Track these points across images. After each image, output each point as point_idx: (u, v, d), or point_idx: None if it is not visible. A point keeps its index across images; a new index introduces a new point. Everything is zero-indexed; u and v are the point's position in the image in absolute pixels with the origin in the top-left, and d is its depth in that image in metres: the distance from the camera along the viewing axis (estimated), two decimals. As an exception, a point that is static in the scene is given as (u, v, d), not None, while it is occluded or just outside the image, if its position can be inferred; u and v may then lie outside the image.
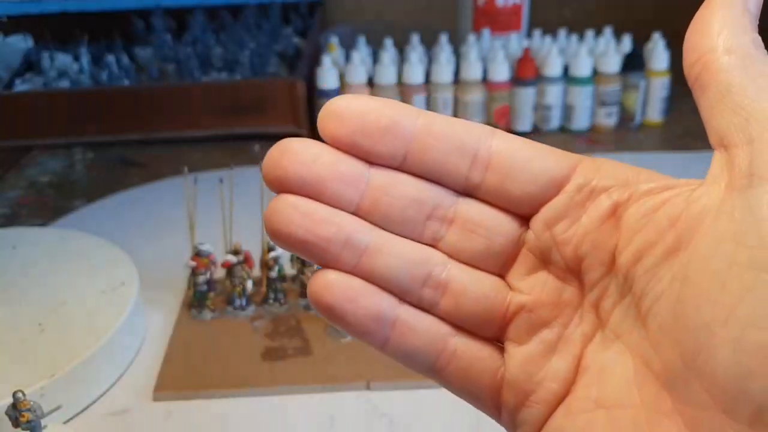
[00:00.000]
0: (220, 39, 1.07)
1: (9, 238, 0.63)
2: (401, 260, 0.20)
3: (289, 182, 0.20)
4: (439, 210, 0.21)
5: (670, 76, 0.92)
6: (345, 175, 0.20)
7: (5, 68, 1.04)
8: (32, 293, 0.55)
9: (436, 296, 0.21)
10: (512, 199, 0.21)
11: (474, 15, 0.99)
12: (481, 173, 0.20)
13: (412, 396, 0.49)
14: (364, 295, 0.20)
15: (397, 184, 0.20)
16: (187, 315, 0.56)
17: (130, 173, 0.85)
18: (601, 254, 0.20)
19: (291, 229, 0.20)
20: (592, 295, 0.20)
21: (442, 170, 0.20)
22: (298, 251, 0.20)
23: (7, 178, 0.85)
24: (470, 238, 0.21)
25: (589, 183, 0.20)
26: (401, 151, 0.20)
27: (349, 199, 0.20)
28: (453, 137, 0.20)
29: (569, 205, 0.20)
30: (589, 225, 0.20)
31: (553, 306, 0.21)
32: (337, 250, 0.20)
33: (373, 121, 0.20)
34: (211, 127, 0.92)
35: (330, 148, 0.20)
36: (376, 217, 0.20)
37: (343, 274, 0.20)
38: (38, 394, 0.44)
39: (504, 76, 0.88)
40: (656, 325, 0.18)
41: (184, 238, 0.58)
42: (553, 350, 0.21)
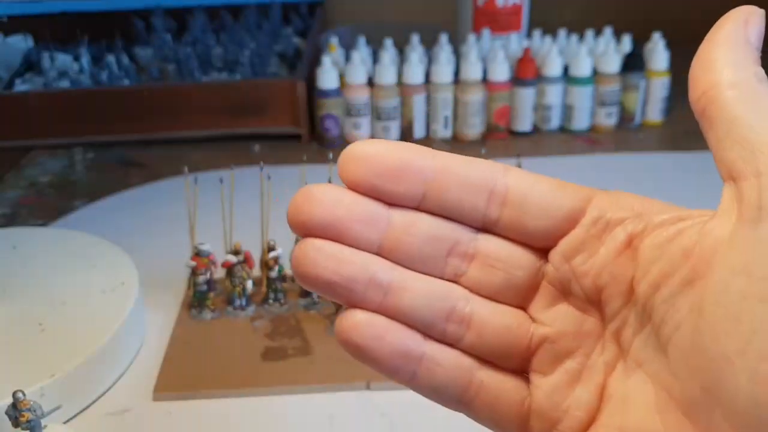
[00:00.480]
0: (220, 39, 1.08)
1: (9, 238, 0.63)
2: (424, 297, 0.21)
3: (313, 226, 0.20)
4: (459, 246, 0.21)
5: (670, 76, 0.92)
6: (366, 217, 0.21)
7: (5, 68, 1.04)
8: (32, 293, 0.55)
9: (460, 330, 0.21)
10: (530, 234, 0.21)
11: (474, 15, 0.99)
12: (498, 209, 0.21)
13: (411, 396, 0.48)
14: (391, 333, 0.21)
15: (417, 223, 0.21)
16: (187, 315, 0.57)
17: (130, 173, 0.85)
18: (619, 285, 0.20)
19: (318, 271, 0.20)
20: (613, 325, 0.21)
21: (460, 208, 0.21)
22: (325, 292, 0.21)
23: (8, 178, 0.85)
24: (491, 273, 0.22)
25: (604, 215, 0.21)
26: (419, 192, 0.21)
27: (371, 239, 0.21)
28: (468, 176, 0.21)
29: (586, 237, 0.21)
30: (606, 257, 0.20)
31: (575, 336, 0.21)
32: (362, 289, 0.21)
33: (390, 163, 0.21)
34: (212, 128, 0.92)
35: (350, 192, 0.21)
36: (398, 255, 0.21)
37: (369, 313, 0.21)
38: (38, 393, 0.44)
39: (504, 76, 0.88)
40: (676, 355, 0.18)
41: (184, 238, 0.58)
42: (577, 380, 0.21)
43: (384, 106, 0.88)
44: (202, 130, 0.92)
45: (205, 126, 0.92)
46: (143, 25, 1.10)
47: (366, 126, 0.90)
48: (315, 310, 0.57)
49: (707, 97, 0.19)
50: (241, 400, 0.49)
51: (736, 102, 0.18)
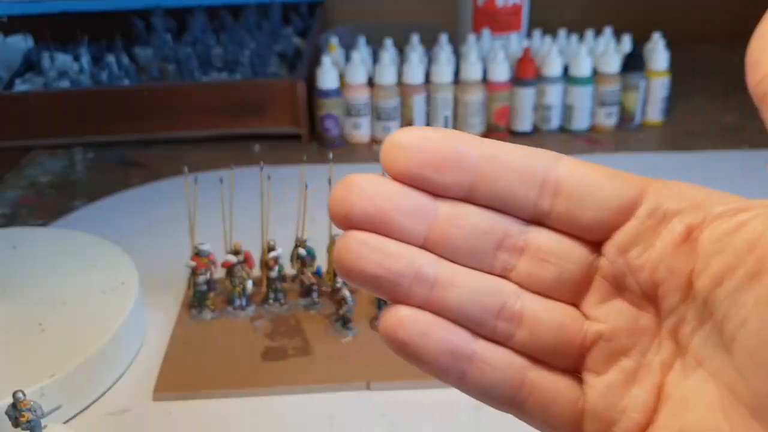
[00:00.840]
0: (220, 39, 1.08)
1: (9, 238, 0.63)
2: (473, 292, 0.20)
3: (356, 218, 0.19)
4: (509, 240, 0.20)
5: (670, 76, 0.92)
6: (411, 209, 0.20)
7: (5, 68, 1.04)
8: (32, 293, 0.55)
9: (511, 328, 0.20)
10: (583, 226, 0.20)
11: (474, 15, 0.99)
12: (550, 200, 0.20)
13: (411, 396, 0.49)
14: (438, 330, 0.20)
15: (464, 215, 0.20)
16: (187, 315, 0.57)
17: (130, 173, 0.85)
18: (677, 279, 0.19)
19: (362, 265, 0.19)
20: (670, 321, 0.20)
21: (510, 199, 0.20)
22: (369, 287, 0.20)
23: (8, 179, 0.85)
24: (542, 267, 0.21)
25: (661, 207, 0.20)
26: (467, 182, 0.20)
27: (417, 232, 0.20)
28: (519, 165, 0.20)
29: (642, 230, 0.20)
30: (663, 250, 0.19)
31: (631, 334, 0.20)
32: (408, 284, 0.20)
33: (437, 152, 0.19)
34: (212, 128, 0.92)
35: (394, 183, 0.20)
36: (445, 249, 0.20)
37: (414, 309, 0.20)
38: (38, 393, 0.44)
39: (504, 76, 0.88)
40: (742, 352, 0.18)
41: (184, 238, 0.58)
42: (633, 379, 0.20)
43: (384, 106, 0.88)
44: (202, 130, 0.92)
45: (205, 126, 0.92)
46: (143, 25, 1.10)
47: (366, 126, 0.90)
48: (315, 310, 0.57)
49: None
50: (241, 400, 0.49)
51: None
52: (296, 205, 0.57)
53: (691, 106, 1.01)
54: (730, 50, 1.24)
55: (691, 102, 1.02)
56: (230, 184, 0.56)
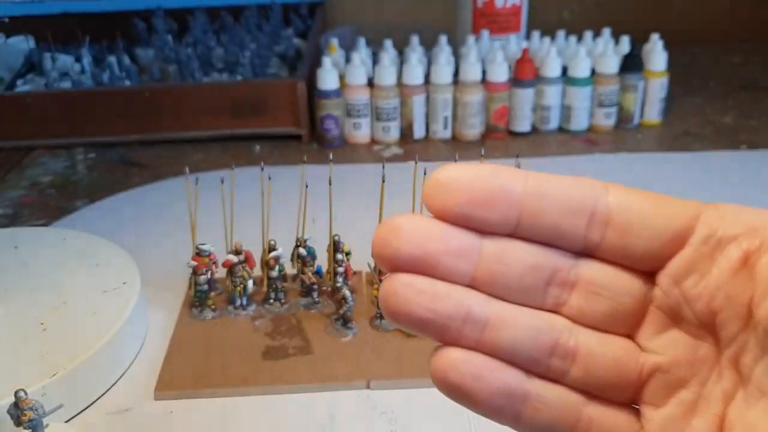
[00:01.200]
0: (221, 40, 1.08)
1: (11, 238, 0.63)
2: (525, 331, 0.20)
3: (401, 261, 0.19)
4: (559, 274, 0.20)
5: (669, 76, 0.92)
6: (457, 249, 0.19)
7: (7, 69, 1.04)
8: (34, 293, 0.55)
9: (565, 365, 0.20)
10: (635, 257, 0.20)
11: (473, 16, 0.99)
12: (600, 232, 0.19)
13: (411, 395, 0.49)
14: (491, 372, 0.20)
15: (512, 251, 0.20)
16: (188, 314, 0.57)
17: (131, 173, 0.86)
18: (736, 307, 0.19)
19: (410, 309, 0.19)
20: (730, 350, 0.19)
21: (558, 232, 0.19)
22: (418, 330, 0.19)
23: (9, 179, 0.85)
24: (595, 301, 0.20)
25: (715, 233, 0.19)
26: (513, 218, 0.19)
27: (464, 272, 0.19)
28: (567, 197, 0.19)
29: (696, 258, 0.19)
30: (720, 278, 0.19)
31: (689, 364, 0.20)
32: (459, 326, 0.19)
33: (482, 190, 0.19)
34: (212, 128, 0.92)
35: (438, 222, 0.19)
36: (494, 287, 0.20)
37: (466, 351, 0.19)
38: (40, 393, 0.44)
39: (503, 77, 0.89)
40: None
41: (185, 238, 0.58)
42: (693, 411, 0.20)
43: (384, 106, 0.89)
44: (203, 131, 0.92)
45: (206, 126, 0.92)
46: (144, 26, 1.11)
47: (366, 126, 0.90)
48: (315, 310, 0.57)
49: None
50: (241, 399, 0.49)
51: None
52: (297, 205, 0.58)
53: (689, 106, 1.01)
54: (728, 51, 1.24)
55: (689, 102, 1.02)
56: (231, 184, 0.56)
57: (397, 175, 0.59)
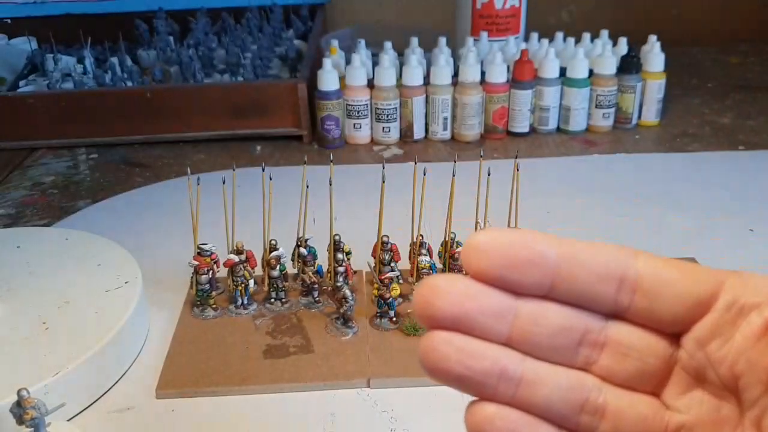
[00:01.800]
0: (222, 41, 1.08)
1: (14, 238, 0.63)
2: (557, 388, 0.21)
3: (441, 320, 0.20)
4: (590, 335, 0.21)
5: (666, 78, 0.93)
6: (494, 310, 0.20)
7: (10, 70, 1.05)
8: (36, 292, 0.55)
9: (595, 421, 0.21)
10: (662, 320, 0.21)
11: (472, 18, 1.00)
12: (629, 296, 0.20)
13: (412, 393, 0.49)
14: (525, 428, 0.20)
15: (545, 313, 0.21)
16: (189, 313, 0.57)
17: (133, 174, 0.86)
18: (758, 372, 0.19)
19: (449, 366, 0.20)
20: (752, 412, 0.20)
21: (590, 296, 0.20)
22: (455, 385, 0.20)
23: (12, 179, 0.86)
24: (623, 361, 0.21)
25: (738, 300, 0.20)
26: (547, 281, 0.20)
27: (500, 331, 0.20)
28: (598, 263, 0.20)
29: (720, 323, 0.20)
30: (743, 343, 0.20)
31: (713, 424, 0.20)
32: (494, 383, 0.20)
33: (518, 254, 0.20)
34: (214, 129, 0.93)
35: (476, 283, 0.20)
36: (528, 347, 0.21)
37: (501, 407, 0.20)
38: (42, 391, 0.45)
39: (502, 78, 0.89)
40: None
41: (187, 237, 0.58)
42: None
43: (384, 107, 0.89)
44: (204, 132, 0.93)
45: (208, 127, 0.92)
46: (146, 27, 1.11)
47: (366, 127, 0.91)
48: (316, 309, 0.57)
49: None
50: (243, 397, 0.49)
51: None
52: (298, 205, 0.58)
53: (686, 107, 1.02)
54: (726, 52, 1.25)
55: (686, 103, 1.03)
56: (232, 184, 0.57)
57: (397, 176, 0.60)
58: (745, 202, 0.74)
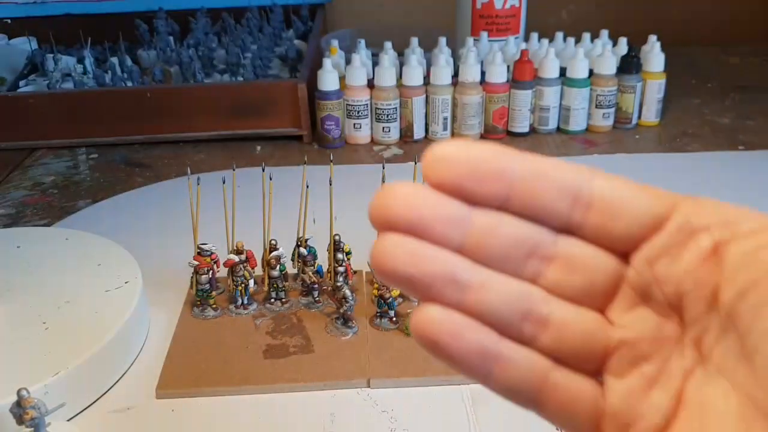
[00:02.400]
0: (222, 41, 1.08)
1: (14, 237, 0.63)
2: (503, 296, 0.21)
3: (395, 223, 0.20)
4: (541, 248, 0.21)
5: (666, 78, 0.93)
6: (449, 217, 0.20)
7: (10, 70, 1.05)
8: (37, 292, 0.55)
9: (537, 331, 0.21)
10: (613, 238, 0.21)
11: (472, 18, 1.00)
12: (583, 213, 0.21)
13: (412, 393, 0.49)
14: (468, 330, 0.21)
15: (499, 224, 0.21)
16: (189, 313, 0.57)
17: (133, 174, 0.86)
18: (702, 291, 0.20)
19: (397, 266, 0.20)
20: (694, 331, 0.20)
21: (544, 210, 0.21)
22: (403, 287, 0.21)
23: (12, 179, 0.86)
24: (571, 275, 0.21)
25: (690, 222, 0.20)
26: (504, 193, 0.20)
27: (453, 239, 0.20)
28: (555, 179, 0.21)
29: (670, 243, 0.20)
30: (690, 263, 0.20)
31: (654, 341, 0.21)
32: (442, 287, 0.20)
33: (478, 166, 0.20)
34: (214, 129, 0.93)
35: (434, 192, 0.20)
36: (478, 255, 0.21)
37: (446, 310, 0.21)
38: (42, 391, 0.45)
39: (502, 79, 0.89)
40: (763, 363, 0.18)
41: (187, 237, 0.58)
42: (653, 384, 0.21)
43: (384, 107, 0.89)
44: (204, 132, 0.93)
45: (208, 127, 0.92)
46: (146, 27, 1.11)
47: (366, 127, 0.91)
48: (316, 309, 0.57)
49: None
50: (243, 397, 0.49)
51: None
52: (298, 205, 0.58)
53: (686, 107, 1.02)
54: (726, 52, 1.25)
55: (686, 103, 1.03)
56: (232, 184, 0.57)
57: (397, 176, 0.60)
58: (745, 202, 0.74)
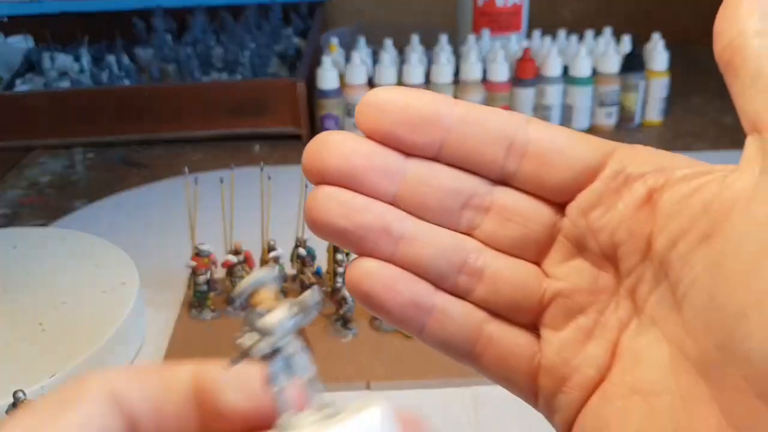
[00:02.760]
0: (220, 39, 1.08)
1: (10, 238, 0.63)
2: (437, 248, 0.21)
3: (328, 174, 0.20)
4: (475, 199, 0.21)
5: (670, 76, 0.92)
6: (383, 167, 0.20)
7: (6, 69, 1.04)
8: (33, 293, 0.55)
9: (472, 283, 0.21)
10: (548, 187, 0.21)
11: (474, 15, 0.99)
12: (517, 162, 0.20)
13: (412, 396, 0.49)
14: (402, 283, 0.20)
15: (434, 174, 0.21)
16: (187, 315, 0.57)
17: (130, 173, 0.85)
18: (636, 241, 0.20)
19: (330, 218, 0.20)
20: (628, 281, 0.20)
21: (478, 159, 0.21)
22: (336, 240, 0.21)
23: (8, 179, 0.85)
24: (506, 226, 0.21)
25: (625, 169, 0.20)
26: (438, 142, 0.20)
27: (387, 190, 0.20)
28: (489, 126, 0.20)
29: (605, 191, 0.20)
30: (624, 212, 0.20)
31: (589, 292, 0.21)
32: (375, 239, 0.20)
33: (412, 112, 0.20)
34: (212, 128, 0.92)
35: (367, 141, 0.20)
36: (413, 206, 0.21)
37: (380, 262, 0.20)
38: (39, 393, 0.44)
39: (504, 77, 0.89)
40: (691, 312, 0.18)
41: (184, 238, 0.58)
42: (589, 336, 0.21)
43: (384, 106, 0.88)
44: (202, 131, 0.92)
45: (206, 126, 0.92)
46: (143, 25, 1.10)
47: (366, 126, 0.90)
48: (316, 310, 0.57)
49: (732, 47, 0.18)
50: (241, 399, 0.49)
51: (762, 51, 0.18)
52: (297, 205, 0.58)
53: (690, 106, 1.01)
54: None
55: (690, 102, 1.02)
56: (230, 184, 0.56)
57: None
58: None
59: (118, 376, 0.17)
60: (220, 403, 0.18)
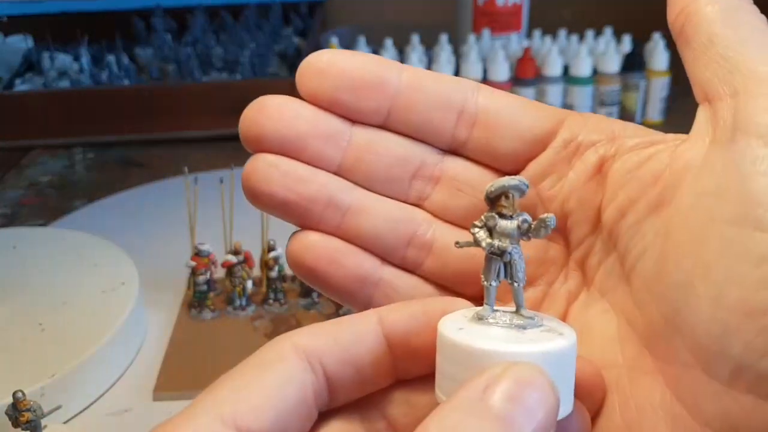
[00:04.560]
0: (220, 39, 1.08)
1: (9, 238, 0.63)
2: (385, 220, 0.20)
3: (267, 141, 0.19)
4: (425, 168, 0.20)
5: (670, 76, 0.92)
6: (326, 133, 0.19)
7: (5, 68, 1.04)
8: (33, 293, 0.55)
9: (421, 256, 0.20)
10: (498, 156, 0.20)
11: (474, 15, 0.99)
12: (467, 130, 0.20)
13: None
14: (347, 256, 0.20)
15: (381, 141, 0.20)
16: (187, 315, 0.57)
17: (130, 173, 0.85)
18: (587, 211, 0.19)
19: (271, 189, 0.19)
20: (578, 252, 0.20)
21: (427, 127, 0.20)
22: (278, 212, 0.19)
23: (8, 178, 0.85)
24: (456, 197, 0.20)
25: (576, 138, 0.19)
26: (385, 108, 0.19)
27: (331, 157, 0.19)
28: (438, 92, 0.20)
29: (555, 160, 0.20)
30: (575, 181, 0.19)
31: (539, 264, 0.20)
32: (319, 210, 0.19)
33: (356, 76, 0.19)
34: (212, 128, 0.92)
35: (310, 106, 0.19)
36: (359, 176, 0.20)
37: (324, 236, 0.20)
38: (38, 393, 0.44)
39: (504, 76, 0.88)
40: (639, 282, 0.18)
41: (184, 238, 0.58)
42: (538, 308, 0.20)
43: (384, 106, 0.88)
44: (202, 130, 0.92)
45: (205, 126, 0.92)
46: (143, 25, 1.10)
47: (366, 126, 0.90)
48: (315, 310, 0.57)
49: (685, 15, 0.18)
50: (241, 399, 0.49)
51: (714, 19, 0.17)
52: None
53: (691, 106, 1.00)
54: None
55: (691, 102, 1.02)
56: (230, 184, 0.56)
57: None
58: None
59: (310, 335, 0.17)
60: (411, 343, 0.17)
